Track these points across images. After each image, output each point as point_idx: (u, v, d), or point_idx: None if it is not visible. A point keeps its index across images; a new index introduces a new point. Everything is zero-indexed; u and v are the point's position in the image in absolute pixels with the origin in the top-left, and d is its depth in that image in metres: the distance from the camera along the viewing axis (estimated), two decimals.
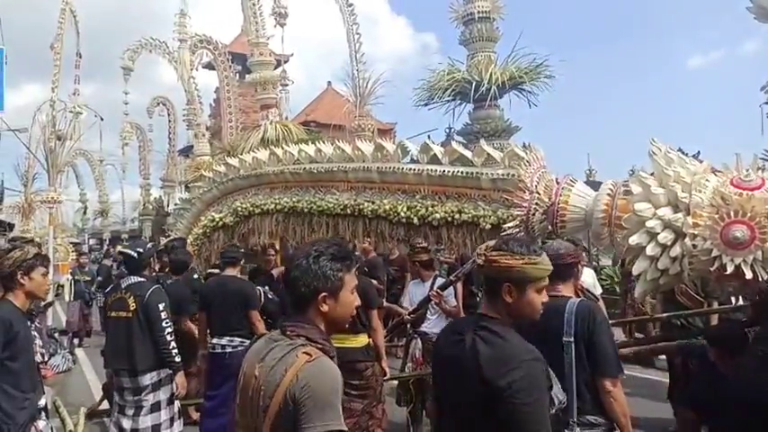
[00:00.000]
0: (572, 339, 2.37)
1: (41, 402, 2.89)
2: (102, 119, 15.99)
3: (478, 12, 16.20)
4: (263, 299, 5.24)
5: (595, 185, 6.01)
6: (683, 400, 4.32)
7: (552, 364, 2.07)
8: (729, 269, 3.16)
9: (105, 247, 22.55)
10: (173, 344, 3.98)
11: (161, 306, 3.90)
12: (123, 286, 4.08)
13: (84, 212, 31.17)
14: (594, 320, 2.43)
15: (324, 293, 1.66)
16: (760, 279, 3.19)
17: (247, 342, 3.07)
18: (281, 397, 1.51)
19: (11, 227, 13.47)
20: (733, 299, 4.95)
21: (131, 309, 3.93)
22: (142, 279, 4.11)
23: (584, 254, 6.00)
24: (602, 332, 2.41)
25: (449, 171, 4.34)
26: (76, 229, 31.10)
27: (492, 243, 1.88)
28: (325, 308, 1.68)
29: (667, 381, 5.14)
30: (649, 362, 6.67)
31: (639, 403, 5.21)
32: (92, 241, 31.44)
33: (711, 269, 3.22)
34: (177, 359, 4.00)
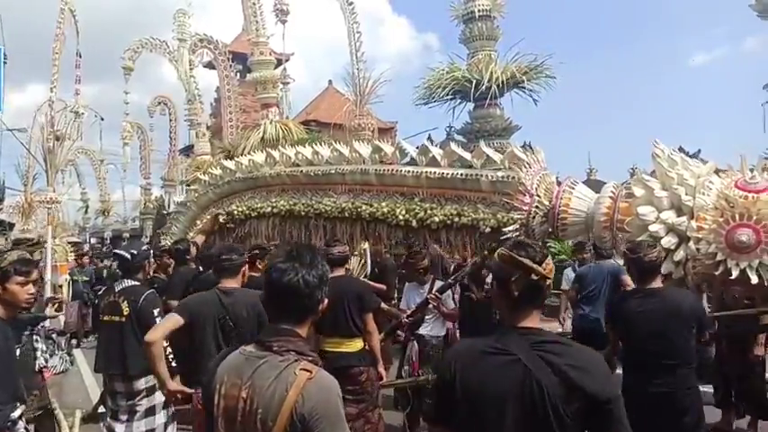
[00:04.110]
0: None
1: (14, 414, 2.78)
2: (102, 119, 16.01)
3: (479, 10, 16.07)
4: None
5: (597, 184, 5.98)
6: None
7: None
8: (734, 274, 3.10)
9: (105, 248, 22.54)
10: (168, 349, 3.91)
11: (155, 311, 3.82)
12: (117, 290, 4.01)
13: (86, 211, 31.18)
14: None
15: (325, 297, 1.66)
16: (766, 284, 3.12)
17: None
18: (286, 419, 1.44)
19: (11, 226, 13.41)
20: None
21: (124, 313, 3.86)
22: (136, 283, 4.04)
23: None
24: None
25: (448, 173, 4.27)
26: (78, 228, 31.11)
27: (531, 252, 1.66)
28: (319, 314, 1.66)
29: None
30: None
31: None
32: (93, 240, 31.38)
33: (716, 273, 3.16)
34: (173, 364, 3.93)
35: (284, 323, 1.60)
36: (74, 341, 10.00)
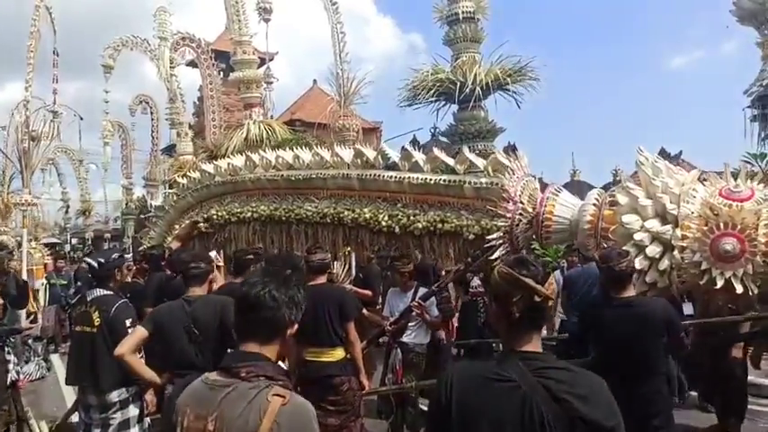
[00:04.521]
0: None
1: None
2: (81, 118, 15.66)
3: (463, 12, 16.02)
4: None
5: (580, 185, 5.93)
6: None
7: None
8: (719, 283, 3.07)
9: (86, 248, 22.17)
10: (141, 360, 3.79)
11: (128, 322, 3.70)
12: (88, 299, 3.88)
13: (66, 211, 30.68)
14: None
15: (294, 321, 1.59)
16: (750, 294, 3.09)
17: None
18: None
19: None
20: None
21: (96, 324, 3.72)
22: (109, 292, 3.89)
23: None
24: None
25: (431, 179, 4.19)
26: (58, 229, 30.60)
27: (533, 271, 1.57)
28: (287, 337, 1.59)
29: None
30: None
31: None
32: (74, 240, 30.90)
33: (701, 283, 3.13)
34: (147, 376, 3.82)
35: (251, 343, 1.54)
36: (51, 346, 9.79)
